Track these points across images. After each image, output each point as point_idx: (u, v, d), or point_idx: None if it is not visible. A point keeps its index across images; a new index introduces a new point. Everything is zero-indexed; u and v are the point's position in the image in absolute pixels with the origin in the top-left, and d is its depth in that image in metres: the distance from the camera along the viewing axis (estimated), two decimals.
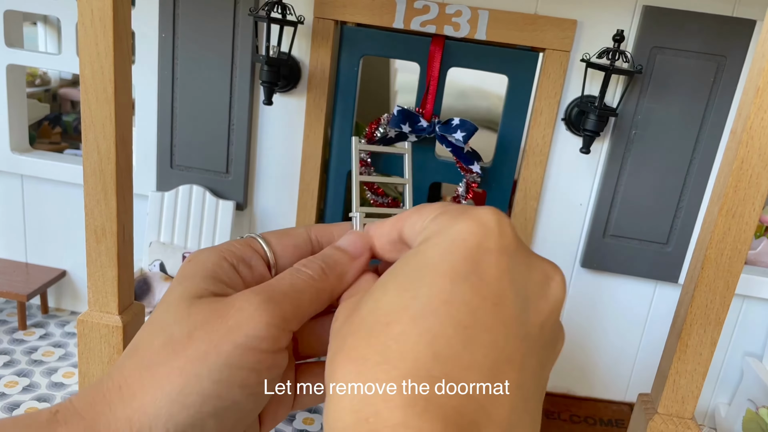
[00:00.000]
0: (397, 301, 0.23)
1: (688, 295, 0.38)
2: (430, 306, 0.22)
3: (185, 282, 0.30)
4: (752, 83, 0.34)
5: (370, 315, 0.23)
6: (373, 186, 0.59)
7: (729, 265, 0.37)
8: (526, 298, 0.25)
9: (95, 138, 0.38)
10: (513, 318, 0.23)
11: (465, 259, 0.24)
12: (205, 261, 0.31)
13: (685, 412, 0.40)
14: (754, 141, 0.34)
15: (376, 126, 0.56)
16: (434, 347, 0.21)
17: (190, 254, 0.35)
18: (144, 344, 0.28)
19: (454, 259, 0.24)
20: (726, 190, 0.35)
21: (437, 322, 0.22)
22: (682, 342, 0.38)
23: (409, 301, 0.23)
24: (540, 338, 0.25)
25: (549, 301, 0.26)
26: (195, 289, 0.29)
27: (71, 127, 0.98)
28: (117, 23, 0.36)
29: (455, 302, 0.22)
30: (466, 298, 0.23)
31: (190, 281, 0.30)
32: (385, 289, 0.24)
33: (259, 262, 0.35)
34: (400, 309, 0.23)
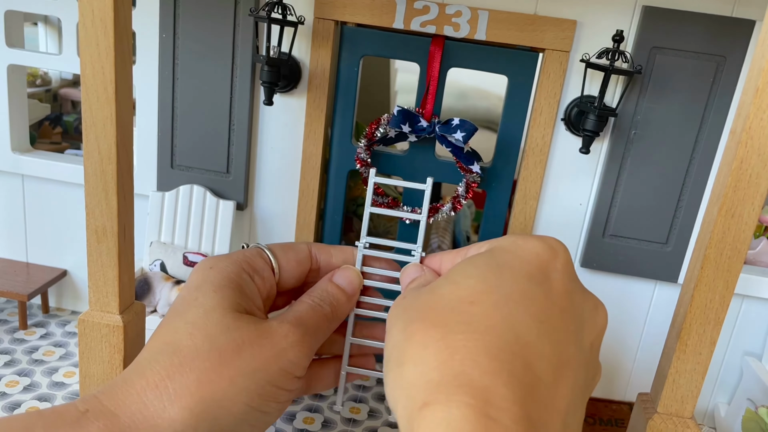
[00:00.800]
0: (481, 287, 0.25)
1: (687, 295, 0.38)
2: (511, 297, 0.25)
3: (219, 292, 0.33)
4: (752, 83, 0.34)
5: (451, 294, 0.25)
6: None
7: (728, 264, 0.37)
8: (581, 317, 0.27)
9: (96, 138, 0.38)
10: (572, 329, 0.26)
11: (539, 270, 0.27)
12: (228, 272, 0.35)
13: (684, 412, 0.40)
14: (754, 141, 0.34)
15: (376, 126, 0.56)
16: (515, 330, 0.24)
17: (207, 260, 0.36)
18: (186, 346, 0.30)
19: (531, 267, 0.27)
20: (725, 190, 0.35)
21: (518, 311, 0.24)
22: (682, 341, 0.38)
23: (492, 289, 0.25)
24: (589, 356, 0.28)
25: (597, 326, 0.29)
26: (231, 302, 0.33)
27: (72, 127, 0.98)
28: (118, 23, 0.36)
29: (532, 299, 0.25)
30: (540, 299, 0.25)
31: (223, 292, 0.33)
32: (466, 275, 0.26)
33: (269, 274, 0.38)
34: (483, 293, 0.25)
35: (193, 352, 0.30)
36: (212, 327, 0.31)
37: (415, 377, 0.23)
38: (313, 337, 0.35)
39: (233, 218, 0.61)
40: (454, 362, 0.22)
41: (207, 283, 0.33)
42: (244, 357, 0.31)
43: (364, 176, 0.58)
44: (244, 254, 0.37)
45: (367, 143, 0.57)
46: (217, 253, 0.61)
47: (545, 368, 0.24)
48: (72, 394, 0.55)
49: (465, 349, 0.23)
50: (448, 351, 0.23)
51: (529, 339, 0.24)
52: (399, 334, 0.26)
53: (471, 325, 0.23)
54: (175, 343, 0.31)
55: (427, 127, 0.55)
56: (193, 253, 0.59)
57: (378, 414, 0.57)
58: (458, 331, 0.23)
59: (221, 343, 0.31)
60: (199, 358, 0.30)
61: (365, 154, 0.57)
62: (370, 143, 0.57)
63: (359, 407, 0.58)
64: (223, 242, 0.61)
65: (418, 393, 0.22)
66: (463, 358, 0.22)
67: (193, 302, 0.32)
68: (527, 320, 0.24)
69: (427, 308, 0.26)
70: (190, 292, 0.34)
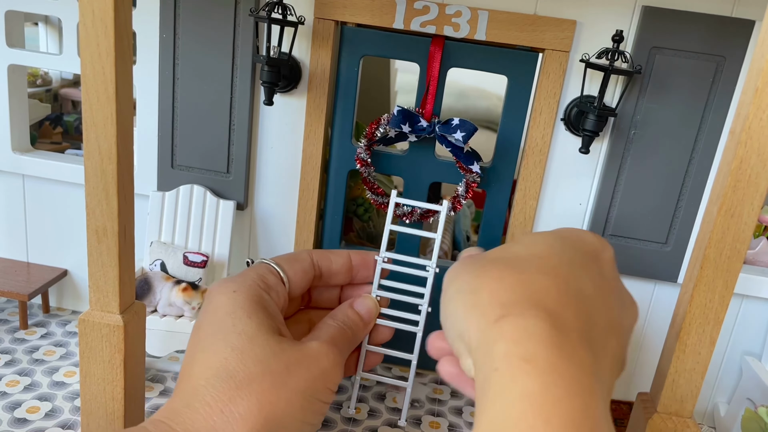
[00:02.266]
0: (548, 251, 0.29)
1: (687, 295, 0.38)
2: (574, 262, 0.29)
3: (253, 317, 0.36)
4: (751, 83, 0.34)
5: (522, 251, 0.29)
6: (373, 185, 0.59)
7: (728, 264, 0.37)
8: (622, 304, 0.31)
9: (96, 138, 0.38)
10: (617, 308, 0.30)
11: (593, 253, 0.31)
12: (253, 294, 0.37)
13: (684, 411, 0.40)
14: (753, 141, 0.34)
15: (376, 126, 0.56)
16: (579, 285, 0.27)
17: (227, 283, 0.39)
18: (240, 371, 0.33)
19: (588, 248, 0.31)
20: (725, 190, 0.35)
21: (580, 273, 0.28)
22: (681, 341, 0.39)
23: (558, 253, 0.29)
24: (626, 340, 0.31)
25: (632, 318, 0.33)
26: (267, 326, 0.36)
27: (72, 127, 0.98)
28: (118, 24, 0.36)
29: (589, 271, 0.29)
30: (595, 273, 0.29)
31: (258, 316, 0.36)
32: (533, 242, 0.30)
33: (282, 289, 0.40)
34: (551, 255, 0.29)
35: (248, 376, 0.33)
36: (260, 352, 0.34)
37: (491, 299, 0.26)
38: (344, 357, 0.38)
39: (233, 218, 0.61)
40: (529, 290, 0.25)
41: (238, 308, 0.36)
42: (294, 378, 0.34)
43: (364, 176, 0.58)
44: (257, 272, 0.39)
45: (367, 143, 0.57)
46: (218, 253, 0.61)
47: (600, 322, 0.27)
48: (72, 393, 0.55)
49: (538, 283, 0.26)
50: (522, 283, 0.26)
51: (588, 294, 0.27)
52: (470, 275, 0.29)
53: (543, 271, 0.27)
54: (227, 369, 0.33)
55: (426, 127, 0.55)
56: (193, 252, 0.59)
57: (378, 414, 0.57)
58: (532, 272, 0.27)
59: (272, 366, 0.33)
60: (255, 381, 0.33)
61: (365, 154, 0.57)
62: (370, 143, 0.57)
63: (359, 407, 0.58)
64: (223, 242, 0.61)
65: (493, 310, 0.25)
66: (536, 289, 0.25)
67: (232, 329, 0.35)
68: (588, 282, 0.28)
69: (501, 258, 0.29)
70: (223, 316, 0.36)
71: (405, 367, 0.64)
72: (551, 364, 0.22)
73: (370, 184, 0.59)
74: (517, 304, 0.25)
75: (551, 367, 0.22)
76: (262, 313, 0.36)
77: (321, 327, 0.39)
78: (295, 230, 0.62)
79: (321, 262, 0.43)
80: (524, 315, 0.24)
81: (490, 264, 0.28)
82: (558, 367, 0.22)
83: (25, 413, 0.52)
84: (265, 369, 0.33)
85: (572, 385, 0.22)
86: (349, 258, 0.43)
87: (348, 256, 0.43)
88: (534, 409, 0.21)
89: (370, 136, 0.56)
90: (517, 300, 0.25)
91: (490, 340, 0.24)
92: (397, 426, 0.56)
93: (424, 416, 0.58)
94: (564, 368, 0.22)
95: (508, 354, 0.23)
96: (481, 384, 0.24)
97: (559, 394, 0.21)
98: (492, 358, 0.23)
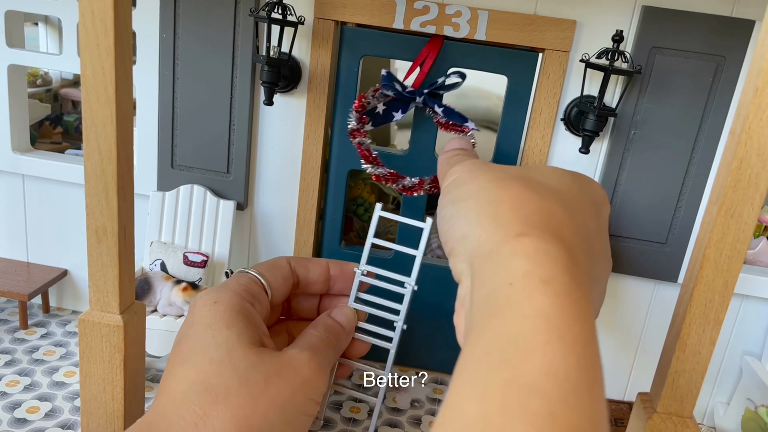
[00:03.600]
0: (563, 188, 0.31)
1: (687, 295, 0.38)
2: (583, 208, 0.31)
3: (232, 328, 0.35)
4: (751, 83, 0.34)
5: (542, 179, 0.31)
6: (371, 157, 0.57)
7: (728, 264, 0.37)
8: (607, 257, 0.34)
9: (96, 138, 0.38)
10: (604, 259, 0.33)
11: (598, 204, 0.34)
12: (234, 304, 0.37)
13: (684, 411, 0.40)
14: (753, 141, 0.34)
15: (363, 98, 0.54)
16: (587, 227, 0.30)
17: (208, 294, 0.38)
18: (216, 384, 0.32)
19: (594, 196, 0.34)
20: (725, 190, 0.35)
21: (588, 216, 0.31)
22: (681, 341, 0.39)
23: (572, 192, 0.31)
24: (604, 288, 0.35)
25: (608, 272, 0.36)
26: (247, 337, 0.35)
27: (72, 127, 0.98)
28: (118, 24, 0.36)
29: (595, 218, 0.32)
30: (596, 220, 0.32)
31: (237, 327, 0.35)
32: (551, 174, 0.33)
33: (265, 298, 0.40)
34: (566, 192, 0.31)
35: (224, 390, 0.32)
36: (238, 363, 0.33)
37: (512, 215, 0.27)
38: (327, 365, 0.37)
39: (233, 218, 0.61)
40: (548, 218, 0.27)
41: (218, 320, 0.35)
42: (273, 390, 0.33)
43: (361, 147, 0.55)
44: (238, 282, 0.39)
45: (357, 115, 0.55)
46: (218, 253, 0.61)
47: (599, 262, 0.30)
48: (72, 393, 0.55)
49: (557, 214, 0.27)
50: (543, 210, 0.27)
51: (592, 239, 0.30)
52: (488, 182, 0.30)
53: (561, 204, 0.28)
54: (204, 382, 0.32)
55: (416, 91, 0.54)
56: (193, 252, 0.59)
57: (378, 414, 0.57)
58: (552, 201, 0.28)
59: (250, 378, 0.32)
60: (232, 394, 0.32)
61: (358, 125, 0.55)
62: (359, 114, 0.55)
63: (359, 407, 0.58)
64: (223, 242, 0.61)
65: (514, 225, 0.26)
66: (555, 220, 0.27)
67: (211, 341, 0.34)
68: (593, 229, 0.30)
69: (520, 176, 0.30)
70: (202, 329, 0.35)
71: (405, 366, 0.64)
72: (567, 289, 0.23)
73: (369, 156, 0.56)
74: (538, 227, 0.26)
75: (567, 292, 0.23)
76: (242, 323, 0.35)
77: (302, 336, 0.38)
78: (295, 230, 0.62)
79: (298, 270, 0.42)
80: (546, 239, 0.25)
81: (511, 179, 0.29)
82: (573, 293, 0.23)
83: (25, 413, 0.52)
84: (243, 381, 0.32)
85: (583, 311, 0.23)
86: (328, 268, 0.43)
87: (326, 265, 0.43)
88: (549, 326, 0.21)
89: (359, 107, 0.54)
90: (539, 223, 0.26)
91: (507, 252, 0.25)
92: (397, 426, 0.56)
93: (424, 416, 0.58)
94: (577, 295, 0.23)
95: (529, 272, 0.23)
96: (484, 292, 0.24)
97: (573, 316, 0.22)
98: (507, 271, 0.24)
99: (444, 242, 0.30)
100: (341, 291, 0.44)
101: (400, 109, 0.55)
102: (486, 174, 0.31)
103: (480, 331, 0.22)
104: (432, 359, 0.64)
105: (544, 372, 0.20)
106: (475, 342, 0.22)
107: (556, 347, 0.20)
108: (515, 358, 0.20)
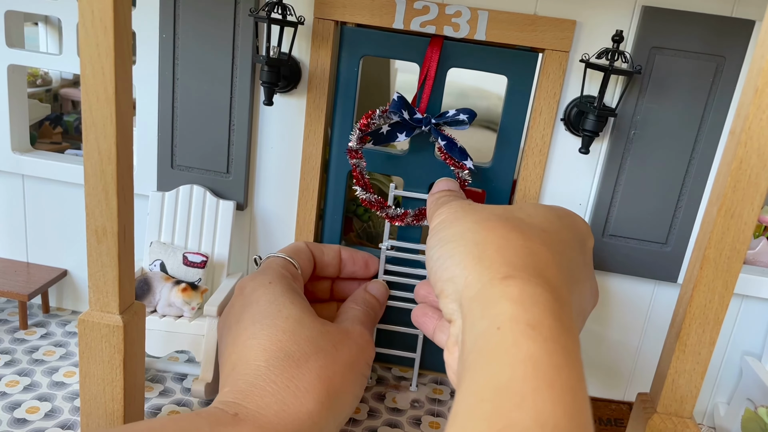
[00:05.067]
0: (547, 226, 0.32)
1: (686, 295, 0.38)
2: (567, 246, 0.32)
3: (296, 303, 0.40)
4: (751, 83, 0.34)
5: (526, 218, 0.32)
6: (364, 181, 0.58)
7: (728, 264, 0.37)
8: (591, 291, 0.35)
9: (96, 138, 0.38)
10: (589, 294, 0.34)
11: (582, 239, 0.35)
12: (287, 284, 0.42)
13: (683, 412, 0.40)
14: (753, 141, 0.34)
15: (370, 117, 0.55)
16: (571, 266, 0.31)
17: (258, 277, 0.43)
18: (295, 351, 0.36)
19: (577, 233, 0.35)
20: (725, 190, 0.35)
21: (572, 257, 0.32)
22: (681, 341, 0.39)
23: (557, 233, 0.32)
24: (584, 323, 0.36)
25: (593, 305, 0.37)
26: (310, 310, 0.39)
27: (72, 127, 0.98)
28: (118, 24, 0.36)
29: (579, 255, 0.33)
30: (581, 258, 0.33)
31: (300, 302, 0.40)
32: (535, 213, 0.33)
33: (300, 279, 0.45)
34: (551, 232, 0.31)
35: (304, 355, 0.36)
36: (310, 333, 0.37)
37: (498, 256, 0.27)
38: (372, 334, 0.42)
39: (233, 218, 0.61)
40: (533, 259, 0.27)
41: (279, 296, 0.40)
42: (341, 354, 0.38)
43: (355, 170, 0.57)
44: (280, 265, 0.44)
45: (360, 134, 0.55)
46: (217, 253, 0.61)
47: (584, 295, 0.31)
48: (72, 393, 0.55)
49: (542, 255, 0.28)
50: (527, 250, 0.27)
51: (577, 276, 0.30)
52: (474, 224, 0.31)
53: (545, 243, 0.29)
54: (284, 350, 0.36)
55: (423, 119, 0.55)
56: (193, 253, 0.59)
57: (378, 414, 0.57)
58: (536, 242, 0.28)
59: (322, 345, 0.37)
60: (311, 359, 0.36)
61: (357, 145, 0.55)
62: (362, 134, 0.56)
63: (359, 407, 0.58)
64: (223, 242, 0.61)
65: (500, 267, 0.26)
66: (540, 260, 0.27)
67: (278, 314, 0.38)
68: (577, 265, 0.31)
69: (505, 217, 0.31)
70: (266, 305, 0.39)
71: (405, 367, 0.64)
72: (554, 334, 0.23)
73: (361, 180, 0.57)
74: (523, 269, 0.26)
75: (554, 337, 0.23)
76: (299, 299, 0.40)
77: (346, 311, 0.44)
78: (295, 230, 0.62)
79: (315, 253, 0.48)
80: (531, 282, 0.25)
81: (496, 220, 0.30)
82: (560, 337, 0.23)
83: (25, 413, 0.52)
84: (317, 348, 0.36)
85: (570, 355, 0.23)
86: (340, 252, 0.48)
87: (338, 250, 0.49)
88: (538, 373, 0.22)
89: (364, 126, 0.55)
90: (523, 265, 0.26)
91: (494, 295, 0.25)
92: (397, 426, 0.56)
93: (424, 416, 0.58)
94: (564, 339, 0.23)
95: (515, 317, 0.23)
96: (473, 335, 0.25)
97: (560, 362, 0.22)
98: (495, 315, 0.24)
99: (433, 283, 0.31)
100: (351, 274, 0.49)
101: (405, 132, 0.55)
102: (471, 215, 0.32)
103: (472, 377, 0.23)
104: (432, 359, 0.64)
105: (534, 421, 0.20)
106: (468, 388, 0.23)
107: (546, 396, 0.21)
108: (506, 407, 0.21)
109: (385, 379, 0.62)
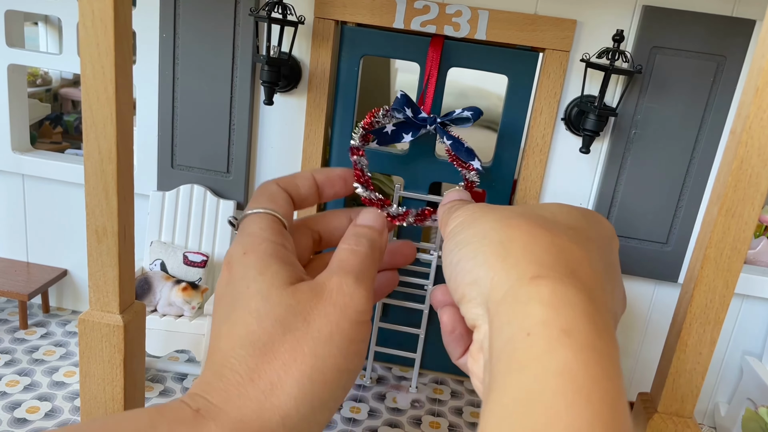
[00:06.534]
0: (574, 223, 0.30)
1: (687, 295, 0.38)
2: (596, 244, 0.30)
3: (266, 273, 0.33)
4: (751, 83, 0.34)
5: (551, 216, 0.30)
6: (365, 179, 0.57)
7: (728, 264, 0.37)
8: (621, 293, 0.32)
9: (96, 138, 0.38)
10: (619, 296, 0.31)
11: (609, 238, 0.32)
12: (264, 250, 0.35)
13: (684, 411, 0.40)
14: (754, 140, 0.34)
15: (374, 115, 0.54)
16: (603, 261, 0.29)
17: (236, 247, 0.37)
18: (260, 335, 0.31)
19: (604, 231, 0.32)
20: (725, 190, 0.35)
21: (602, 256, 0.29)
22: (682, 341, 0.38)
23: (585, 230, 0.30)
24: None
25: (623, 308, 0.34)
26: (281, 279, 0.33)
27: (72, 127, 0.98)
28: (118, 23, 0.36)
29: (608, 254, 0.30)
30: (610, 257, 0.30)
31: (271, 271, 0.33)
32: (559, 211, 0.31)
33: (287, 232, 0.37)
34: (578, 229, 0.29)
35: (269, 339, 0.31)
36: (276, 310, 0.32)
37: (525, 255, 0.25)
38: (364, 279, 0.34)
39: None
40: (563, 256, 0.25)
41: (250, 269, 0.34)
42: (314, 327, 0.32)
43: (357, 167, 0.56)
44: (259, 226, 0.37)
45: (363, 132, 0.55)
46: (218, 252, 0.61)
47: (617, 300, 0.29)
48: (72, 393, 0.55)
49: (572, 252, 0.26)
50: (556, 247, 0.26)
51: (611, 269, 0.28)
52: (495, 222, 0.28)
53: (574, 240, 0.27)
54: (249, 335, 0.32)
55: (428, 118, 0.54)
56: (193, 252, 0.59)
57: (378, 414, 0.57)
58: (564, 239, 0.27)
59: (290, 322, 0.32)
60: (276, 343, 0.31)
61: (359, 143, 0.55)
62: (366, 132, 0.55)
63: (359, 407, 0.58)
64: (223, 242, 0.61)
65: (528, 266, 0.24)
66: (571, 258, 0.25)
67: (246, 291, 0.33)
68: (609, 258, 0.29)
69: (527, 215, 0.29)
70: (237, 282, 0.34)
71: (405, 366, 0.64)
72: (590, 341, 0.22)
73: (362, 177, 0.57)
74: (553, 267, 0.24)
75: (590, 344, 0.21)
76: (275, 265, 0.34)
77: (334, 255, 0.37)
78: None
79: (290, 191, 0.40)
80: (563, 282, 0.23)
81: (519, 217, 0.28)
82: (596, 344, 0.22)
83: (25, 413, 0.52)
84: (285, 327, 0.32)
85: (608, 365, 0.21)
86: (313, 177, 0.41)
87: (311, 176, 0.41)
88: (573, 386, 0.20)
89: (367, 124, 0.55)
90: (553, 263, 0.24)
91: (523, 297, 0.23)
92: (397, 426, 0.56)
93: (424, 416, 0.57)
94: (601, 346, 0.22)
95: (547, 321, 0.22)
96: (501, 341, 0.23)
97: (598, 373, 0.21)
98: (524, 318, 0.23)
99: (453, 290, 0.28)
100: (331, 197, 0.42)
101: (410, 132, 0.55)
102: (491, 215, 0.29)
103: (501, 388, 0.22)
104: (432, 359, 0.64)
105: None
106: (498, 401, 0.21)
107: (583, 413, 0.20)
108: (539, 423, 0.20)
109: (386, 379, 0.62)
